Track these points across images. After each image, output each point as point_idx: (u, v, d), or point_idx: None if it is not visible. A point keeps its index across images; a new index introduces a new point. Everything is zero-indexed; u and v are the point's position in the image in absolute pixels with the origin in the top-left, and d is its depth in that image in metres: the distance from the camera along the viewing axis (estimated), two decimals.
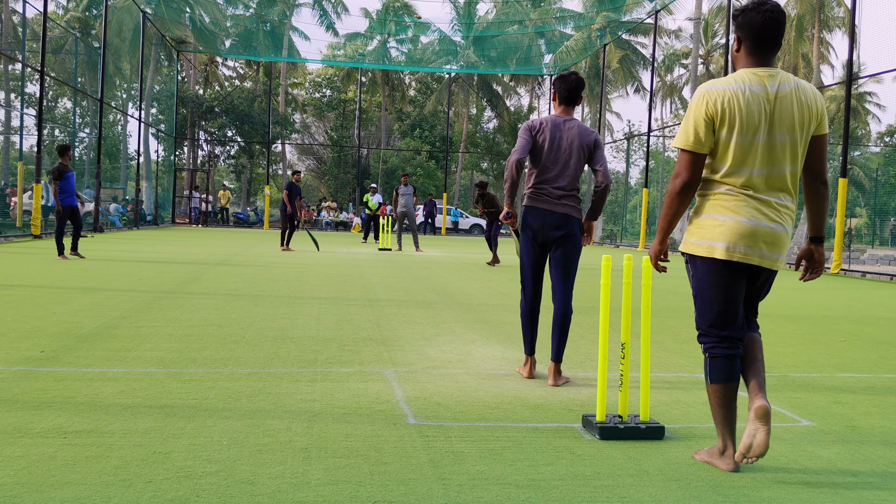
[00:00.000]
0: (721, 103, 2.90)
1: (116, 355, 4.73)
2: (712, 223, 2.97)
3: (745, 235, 2.91)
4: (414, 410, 3.71)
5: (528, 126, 4.56)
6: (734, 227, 2.92)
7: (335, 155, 46.25)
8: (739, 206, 2.93)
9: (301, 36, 44.77)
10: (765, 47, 2.96)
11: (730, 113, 2.89)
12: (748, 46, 2.98)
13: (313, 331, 5.95)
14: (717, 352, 3.02)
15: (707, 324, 3.05)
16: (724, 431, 3.00)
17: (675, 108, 51.88)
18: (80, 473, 2.69)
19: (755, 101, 2.89)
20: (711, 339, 3.04)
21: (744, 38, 2.98)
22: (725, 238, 2.93)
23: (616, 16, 34.49)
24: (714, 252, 2.95)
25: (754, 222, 2.92)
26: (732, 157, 2.92)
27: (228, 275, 10.36)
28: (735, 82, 2.93)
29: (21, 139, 25.41)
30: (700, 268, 3.03)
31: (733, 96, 2.89)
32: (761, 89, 2.91)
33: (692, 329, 6.91)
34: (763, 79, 2.93)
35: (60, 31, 34.34)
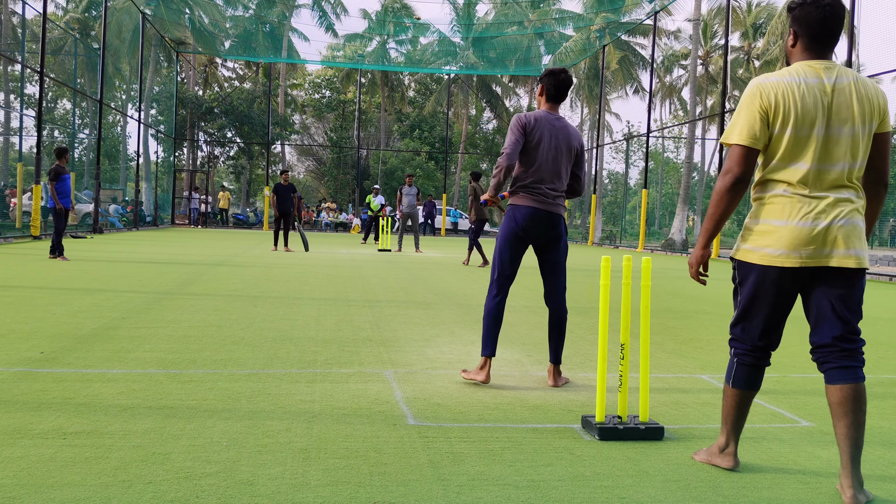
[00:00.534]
0: (776, 96, 2.75)
1: (116, 356, 4.73)
2: (769, 228, 2.80)
3: (805, 240, 2.73)
4: (413, 411, 3.72)
5: (521, 123, 4.38)
6: (792, 231, 2.74)
7: (334, 156, 46.26)
8: (797, 208, 2.75)
9: (300, 37, 44.94)
10: (822, 43, 2.81)
11: (784, 106, 2.74)
12: (805, 42, 2.83)
13: (313, 332, 5.95)
14: (747, 360, 2.94)
15: (745, 331, 2.94)
16: (729, 430, 3.00)
17: (675, 109, 51.90)
18: (79, 474, 2.69)
19: (811, 94, 2.74)
20: (745, 346, 2.95)
21: (800, 33, 2.82)
22: (783, 244, 2.76)
23: (615, 17, 34.51)
24: (770, 259, 2.79)
25: (812, 224, 2.73)
26: (789, 152, 2.76)
27: (228, 276, 10.36)
28: (789, 75, 2.79)
29: (20, 140, 25.41)
30: (752, 275, 2.85)
31: (787, 88, 2.75)
32: (817, 81, 2.76)
33: (691, 330, 6.91)
34: (819, 71, 2.78)
35: (60, 32, 34.34)
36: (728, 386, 2.99)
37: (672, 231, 30.18)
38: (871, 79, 2.87)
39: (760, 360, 2.94)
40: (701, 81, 42.93)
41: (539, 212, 4.37)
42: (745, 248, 2.88)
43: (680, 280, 12.97)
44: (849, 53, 16.41)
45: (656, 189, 59.08)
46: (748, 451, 3.28)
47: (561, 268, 4.48)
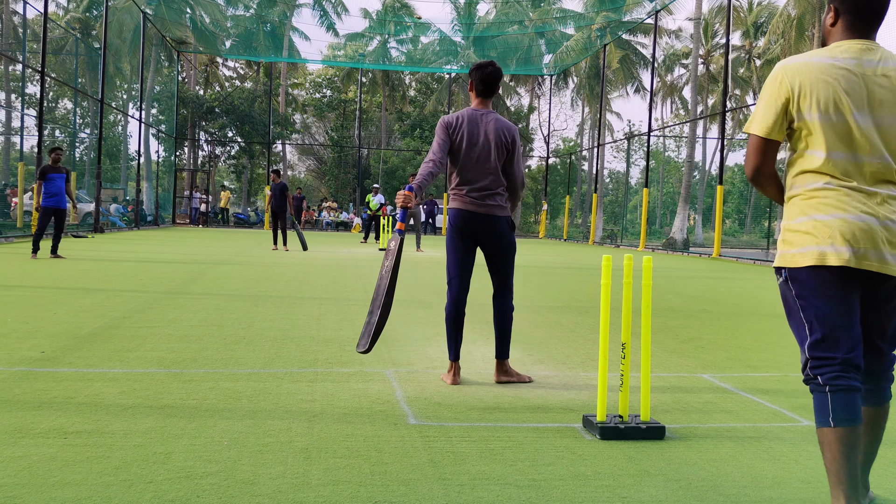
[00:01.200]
0: (801, 79, 2.41)
1: (117, 356, 4.73)
2: (814, 225, 2.40)
3: (858, 235, 2.35)
4: (414, 410, 3.71)
5: (445, 123, 4.28)
6: (843, 225, 2.36)
7: (335, 155, 46.26)
8: (844, 200, 2.38)
9: (301, 36, 44.80)
10: (867, 22, 2.46)
11: (811, 90, 2.40)
12: (847, 20, 2.47)
13: (314, 331, 5.95)
14: (841, 383, 2.35)
15: (823, 346, 2.39)
16: (843, 491, 2.31)
17: (676, 108, 51.88)
18: (80, 474, 2.69)
19: (845, 76, 2.39)
20: (829, 367, 2.37)
21: (843, 10, 2.46)
22: (834, 240, 2.36)
23: (616, 16, 34.48)
24: (825, 258, 2.37)
25: (865, 219, 2.35)
26: (826, 141, 2.40)
27: (229, 275, 10.36)
28: (822, 55, 2.44)
29: (21, 140, 25.43)
30: (806, 280, 2.41)
31: (816, 70, 2.41)
32: (855, 63, 2.41)
33: (692, 329, 6.90)
34: (860, 52, 2.42)
35: (61, 31, 34.35)
36: (827, 429, 2.34)
37: (673, 230, 30.17)
38: None
39: (853, 381, 2.37)
40: (702, 80, 42.90)
41: (466, 213, 4.25)
42: (792, 253, 2.45)
43: (681, 279, 12.96)
44: None
45: (657, 188, 59.05)
46: (748, 450, 3.27)
47: (503, 265, 4.39)
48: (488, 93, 4.38)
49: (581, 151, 49.31)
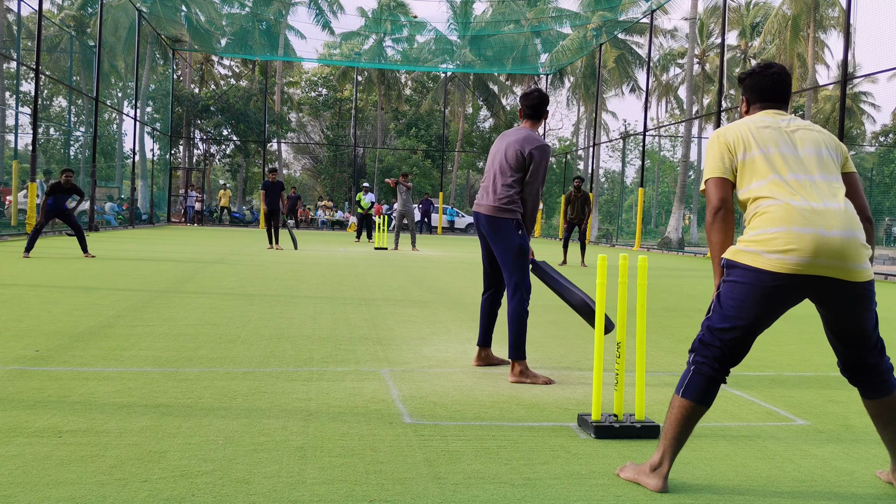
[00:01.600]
0: (733, 132, 2.85)
1: (112, 354, 4.72)
2: (764, 237, 2.64)
3: (803, 244, 2.57)
4: (410, 409, 3.72)
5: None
6: (788, 236, 2.59)
7: (331, 154, 46.23)
8: (790, 214, 2.62)
9: (297, 35, 44.87)
10: (773, 101, 2.95)
11: (742, 137, 2.82)
12: (757, 107, 2.98)
13: (309, 330, 5.95)
14: (706, 370, 2.73)
15: (717, 336, 2.72)
16: (668, 448, 2.75)
17: (671, 108, 51.98)
18: (75, 473, 2.69)
19: (767, 128, 2.84)
20: (708, 355, 2.73)
21: (752, 100, 2.99)
22: (776, 247, 2.60)
23: (612, 15, 34.50)
24: (762, 261, 2.62)
25: (811, 230, 2.58)
26: (765, 167, 2.74)
27: (224, 274, 10.34)
28: (745, 120, 2.92)
29: (16, 138, 25.33)
30: (742, 276, 2.67)
31: (744, 127, 2.86)
32: (772, 120, 2.87)
33: (687, 328, 6.92)
34: (774, 116, 2.89)
35: (55, 29, 34.25)
36: (677, 397, 2.76)
37: (668, 229, 30.22)
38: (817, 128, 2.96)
39: (719, 374, 2.74)
40: (697, 80, 42.98)
41: (474, 214, 4.71)
42: (738, 248, 2.72)
43: (676, 278, 12.99)
44: (844, 53, 16.43)
45: (652, 188, 59.11)
46: (742, 449, 3.29)
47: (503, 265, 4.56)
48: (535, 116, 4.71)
49: (577, 151, 49.35)
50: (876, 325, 2.78)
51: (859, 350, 2.77)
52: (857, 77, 21.66)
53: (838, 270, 2.60)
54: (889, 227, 37.00)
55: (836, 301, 2.69)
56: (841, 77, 16.52)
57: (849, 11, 16.03)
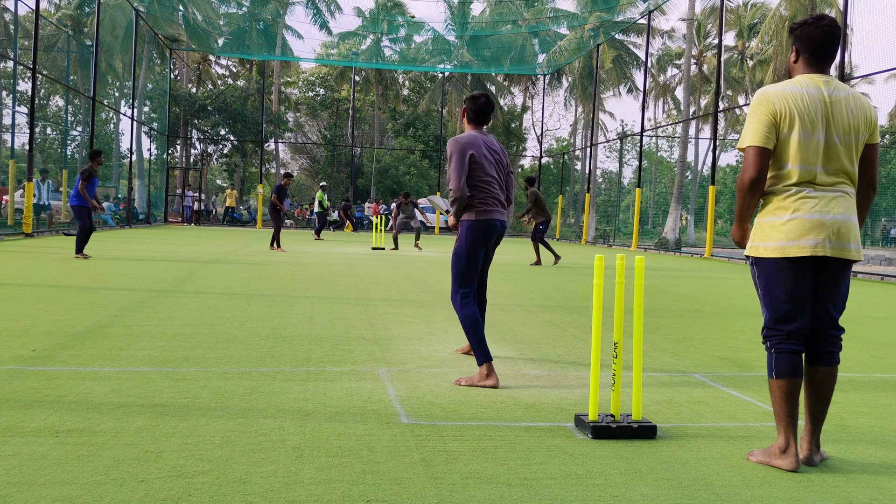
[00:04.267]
0: (782, 102, 3.03)
1: (108, 354, 4.71)
2: (779, 223, 3.05)
3: (811, 230, 2.99)
4: (407, 409, 3.72)
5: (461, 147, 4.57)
6: (799, 223, 3.01)
7: (328, 154, 46.20)
8: (802, 203, 3.02)
9: (294, 34, 44.76)
10: (822, 59, 3.12)
11: (789, 112, 3.02)
12: (806, 58, 3.13)
13: (306, 330, 5.94)
14: (784, 347, 3.06)
15: (775, 320, 3.09)
16: (786, 428, 3.03)
17: (668, 108, 52.00)
18: (71, 472, 2.69)
19: (813, 102, 3.03)
20: (779, 335, 3.08)
21: (802, 49, 3.14)
22: (791, 236, 3.02)
23: (609, 16, 34.51)
24: (784, 251, 3.03)
25: (818, 216, 3.00)
26: (795, 154, 3.02)
27: (221, 273, 10.33)
28: (793, 85, 3.07)
29: (13, 137, 25.27)
30: (769, 268, 3.09)
31: (791, 96, 3.03)
32: (817, 91, 3.05)
33: (684, 328, 6.93)
34: (819, 83, 3.07)
35: (52, 28, 34.20)
36: (773, 380, 3.06)
37: (665, 230, 30.25)
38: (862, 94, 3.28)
39: (796, 346, 3.05)
40: (695, 81, 43.01)
41: (497, 222, 4.62)
42: (758, 245, 3.11)
43: (673, 279, 13.00)
44: (841, 54, 16.46)
45: (650, 188, 59.17)
46: (739, 450, 3.29)
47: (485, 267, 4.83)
48: (481, 122, 4.76)
49: (574, 151, 49.39)
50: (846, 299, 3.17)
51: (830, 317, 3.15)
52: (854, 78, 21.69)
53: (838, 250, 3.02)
54: (885, 228, 37.06)
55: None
56: (838, 78, 16.54)
57: (846, 13, 16.06)
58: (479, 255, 4.58)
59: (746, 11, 42.76)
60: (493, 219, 4.58)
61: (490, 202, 4.60)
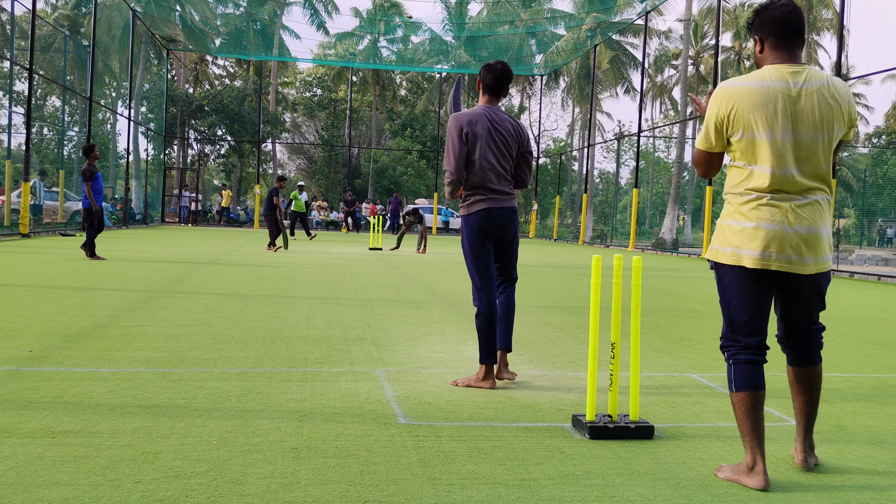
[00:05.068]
0: (734, 104, 2.82)
1: (105, 355, 4.70)
2: (738, 229, 2.86)
3: (769, 241, 2.79)
4: (404, 410, 3.71)
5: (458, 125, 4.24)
6: (756, 232, 2.81)
7: (325, 154, 46.18)
8: (764, 210, 2.81)
9: (292, 35, 44.70)
10: (788, 42, 2.85)
11: (743, 112, 2.80)
12: (771, 43, 2.87)
13: (303, 330, 5.94)
14: (742, 357, 2.87)
15: (732, 331, 2.91)
16: (752, 444, 2.82)
17: (665, 109, 52.04)
18: (68, 474, 2.68)
19: (772, 98, 2.78)
20: (736, 345, 2.90)
21: (764, 36, 2.88)
22: (750, 244, 2.82)
23: (606, 16, 34.55)
24: (740, 259, 2.85)
25: (778, 226, 2.79)
26: (761, 155, 2.81)
27: (218, 274, 10.32)
28: (753, 79, 2.83)
29: (9, 137, 25.24)
30: (726, 275, 2.91)
31: (747, 93, 2.80)
32: (783, 85, 2.79)
33: (681, 329, 6.93)
34: (786, 75, 2.81)
35: (49, 28, 34.13)
36: (733, 393, 2.87)
37: (663, 230, 30.28)
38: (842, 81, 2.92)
39: (755, 356, 2.88)
40: (692, 81, 43.07)
41: (494, 211, 4.25)
42: (717, 249, 2.94)
43: (670, 279, 13.01)
44: (838, 54, 16.50)
45: (647, 188, 59.25)
46: (737, 450, 3.29)
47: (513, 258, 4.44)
48: (497, 91, 4.41)
49: (571, 151, 49.42)
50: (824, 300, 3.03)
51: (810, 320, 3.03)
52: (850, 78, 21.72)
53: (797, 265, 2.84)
54: (882, 228, 37.12)
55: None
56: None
57: (842, 13, 16.09)
58: (484, 250, 4.28)
59: (743, 12, 42.81)
60: (486, 209, 4.22)
61: (481, 192, 4.24)
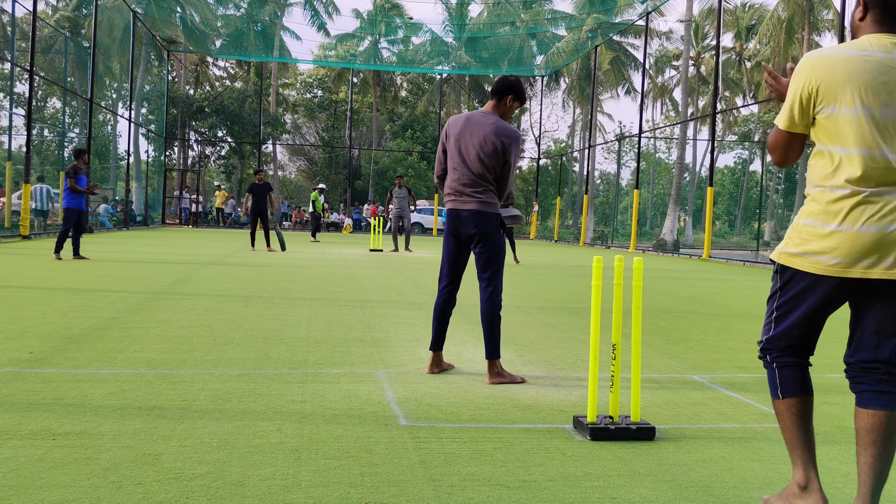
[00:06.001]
0: (825, 72, 2.38)
1: (106, 356, 4.70)
2: (822, 232, 2.40)
3: (866, 247, 2.33)
4: (405, 411, 3.71)
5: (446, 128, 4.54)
6: (850, 237, 2.34)
7: (326, 155, 46.19)
8: (857, 209, 2.34)
9: (292, 36, 44.75)
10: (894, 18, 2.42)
11: (836, 84, 2.36)
12: (876, 14, 2.43)
13: (304, 332, 5.93)
14: (787, 360, 2.53)
15: (777, 338, 2.55)
16: (803, 458, 2.50)
17: (666, 110, 52.05)
18: (69, 475, 2.68)
19: (875, 70, 2.33)
20: (777, 351, 2.56)
21: (871, 4, 2.43)
22: (836, 250, 2.36)
23: (607, 17, 34.56)
24: (820, 267, 2.40)
25: (878, 228, 2.32)
26: (847, 136, 2.36)
27: (219, 275, 10.32)
28: (851, 47, 2.39)
29: (10, 139, 25.25)
30: (794, 280, 2.48)
31: (841, 61, 2.37)
32: (885, 56, 2.35)
33: (682, 330, 6.93)
34: (890, 45, 2.37)
35: (50, 30, 34.16)
36: (779, 401, 2.54)
37: (663, 231, 30.26)
38: None
39: (801, 359, 2.55)
40: (692, 82, 43.07)
41: (453, 211, 4.45)
42: (790, 252, 2.49)
43: (671, 280, 13.01)
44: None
45: (648, 189, 59.25)
46: (738, 451, 3.29)
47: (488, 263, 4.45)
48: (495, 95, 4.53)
49: (572, 153, 49.41)
50: None
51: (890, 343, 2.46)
52: None
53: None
54: None
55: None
56: None
57: (843, 14, 16.09)
58: (447, 246, 4.53)
59: (744, 13, 42.83)
60: (451, 209, 4.45)
61: (448, 191, 4.46)
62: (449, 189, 4.49)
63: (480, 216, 4.41)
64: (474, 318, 7.18)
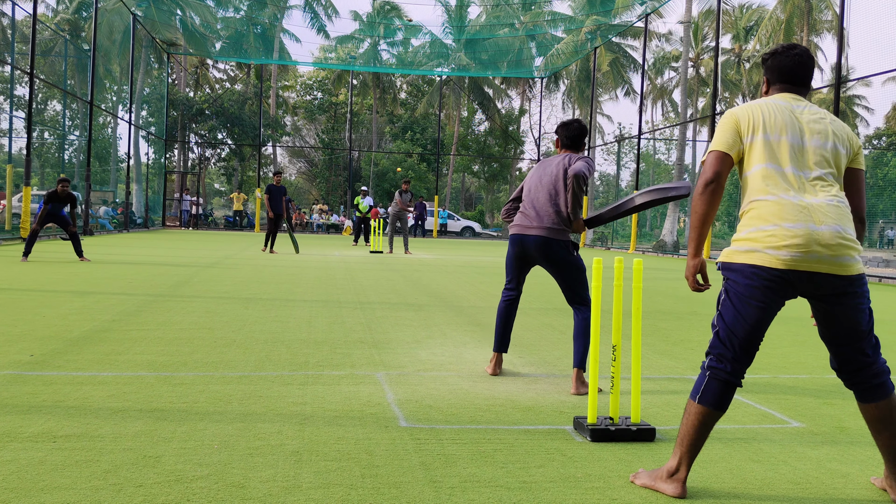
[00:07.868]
0: (748, 115, 2.80)
1: (106, 359, 4.71)
2: (757, 234, 2.68)
3: (796, 240, 2.61)
4: (405, 413, 3.71)
5: None
6: (781, 233, 2.63)
7: (326, 157, 46.21)
8: (784, 210, 2.65)
9: (292, 38, 44.72)
10: (794, 88, 2.91)
11: (754, 119, 2.78)
12: (777, 88, 2.93)
13: (304, 334, 5.94)
14: (722, 375, 2.73)
15: (724, 342, 2.74)
16: (684, 455, 2.75)
17: (666, 111, 52.08)
18: (69, 478, 2.68)
19: (782, 112, 2.79)
20: (721, 361, 2.75)
21: (773, 80, 2.94)
22: (772, 244, 2.63)
23: (606, 19, 34.58)
24: (757, 258, 2.67)
25: (802, 226, 2.62)
26: (766, 155, 2.72)
27: (219, 277, 10.32)
28: (762, 101, 2.87)
29: (10, 142, 25.27)
30: (737, 276, 2.72)
31: (757, 108, 2.81)
32: (786, 104, 2.83)
33: (682, 330, 6.93)
34: (789, 99, 2.86)
35: (50, 33, 34.19)
36: (693, 402, 2.75)
37: (663, 232, 30.27)
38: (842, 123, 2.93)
39: (733, 378, 2.74)
40: (692, 83, 43.09)
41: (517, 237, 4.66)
42: (731, 249, 2.76)
43: (671, 281, 13.01)
44: (838, 56, 16.50)
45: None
46: (737, 452, 3.29)
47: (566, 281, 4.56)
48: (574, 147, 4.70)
49: None
50: (870, 324, 2.75)
51: (853, 349, 2.75)
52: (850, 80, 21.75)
53: (829, 265, 2.63)
54: (882, 230, 37.13)
55: (828, 297, 2.69)
56: (835, 80, 16.58)
57: (842, 15, 16.10)
58: (513, 262, 4.72)
59: (743, 14, 42.87)
60: (515, 234, 4.66)
61: (519, 218, 4.67)
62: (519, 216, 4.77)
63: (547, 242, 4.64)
64: (475, 318, 7.19)
